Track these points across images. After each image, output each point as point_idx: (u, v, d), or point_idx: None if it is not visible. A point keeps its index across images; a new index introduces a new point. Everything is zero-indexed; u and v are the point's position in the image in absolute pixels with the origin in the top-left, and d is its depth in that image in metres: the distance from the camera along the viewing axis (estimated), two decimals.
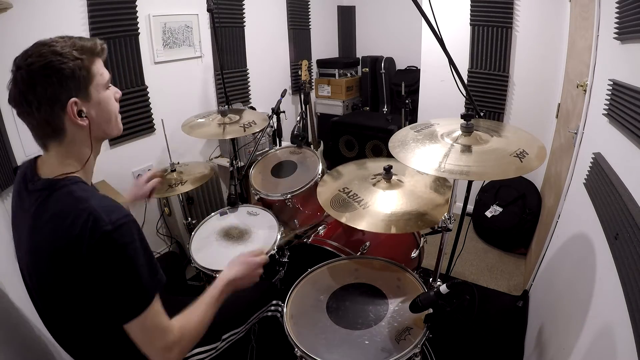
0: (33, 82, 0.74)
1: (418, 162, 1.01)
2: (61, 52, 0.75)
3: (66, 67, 0.75)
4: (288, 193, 1.76)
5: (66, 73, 0.75)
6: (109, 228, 0.71)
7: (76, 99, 0.78)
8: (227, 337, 1.14)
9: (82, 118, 0.79)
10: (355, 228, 1.24)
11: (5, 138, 1.56)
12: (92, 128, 0.82)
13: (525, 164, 0.96)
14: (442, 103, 2.75)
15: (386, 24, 3.88)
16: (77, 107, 0.78)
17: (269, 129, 2.33)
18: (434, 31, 1.11)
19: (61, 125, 0.78)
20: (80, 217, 0.72)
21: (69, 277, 0.74)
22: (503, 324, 1.91)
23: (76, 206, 0.74)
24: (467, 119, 1.07)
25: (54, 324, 0.88)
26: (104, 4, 1.90)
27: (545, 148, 1.03)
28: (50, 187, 0.78)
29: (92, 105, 0.82)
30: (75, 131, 0.80)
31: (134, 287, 0.75)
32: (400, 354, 0.97)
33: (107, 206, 0.75)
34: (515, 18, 2.36)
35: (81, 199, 0.75)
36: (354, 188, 1.39)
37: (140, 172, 2.22)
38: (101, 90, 0.84)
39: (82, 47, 0.79)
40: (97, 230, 0.71)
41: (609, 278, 0.90)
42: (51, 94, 0.75)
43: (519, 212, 2.40)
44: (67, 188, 0.77)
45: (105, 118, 0.86)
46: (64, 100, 0.76)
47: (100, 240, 0.71)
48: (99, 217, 0.72)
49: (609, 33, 1.17)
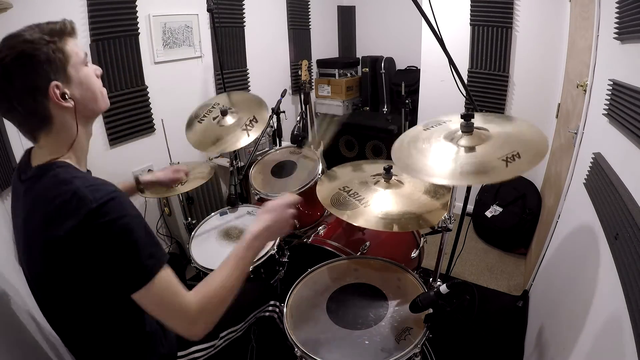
0: (9, 76, 0.72)
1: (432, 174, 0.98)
2: (32, 40, 0.73)
3: (40, 52, 0.73)
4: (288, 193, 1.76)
5: (41, 58, 0.74)
6: (94, 205, 0.70)
7: (57, 82, 0.76)
8: (225, 335, 1.13)
9: (66, 100, 0.78)
10: (355, 228, 1.24)
11: (5, 138, 1.56)
12: (78, 108, 0.80)
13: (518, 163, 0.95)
14: (442, 103, 2.75)
15: (386, 24, 3.88)
16: (59, 90, 0.76)
17: (269, 129, 2.33)
18: (434, 31, 1.11)
19: (47, 113, 0.77)
20: (64, 198, 0.71)
21: (64, 261, 0.73)
22: (503, 324, 1.91)
23: (61, 188, 0.73)
24: (467, 119, 1.07)
25: (54, 318, 0.88)
26: (104, 4, 1.90)
27: (547, 139, 0.99)
28: (38, 174, 0.77)
29: (74, 86, 0.80)
30: (62, 116, 0.79)
31: (133, 258, 0.73)
32: (400, 354, 0.97)
33: (91, 185, 0.73)
34: (515, 18, 2.36)
35: (65, 181, 0.74)
36: (354, 187, 1.39)
37: (140, 173, 2.22)
38: (80, 69, 0.81)
39: (52, 30, 0.78)
40: (82, 209, 0.69)
41: (609, 278, 0.90)
42: (30, 84, 0.73)
43: (519, 212, 2.40)
44: (53, 172, 0.76)
45: (90, 96, 0.84)
46: (44, 87, 0.75)
47: (87, 219, 0.69)
48: (83, 195, 0.71)
49: (609, 33, 1.17)
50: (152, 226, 2.37)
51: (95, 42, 1.90)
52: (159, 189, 1.75)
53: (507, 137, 1.01)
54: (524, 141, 0.98)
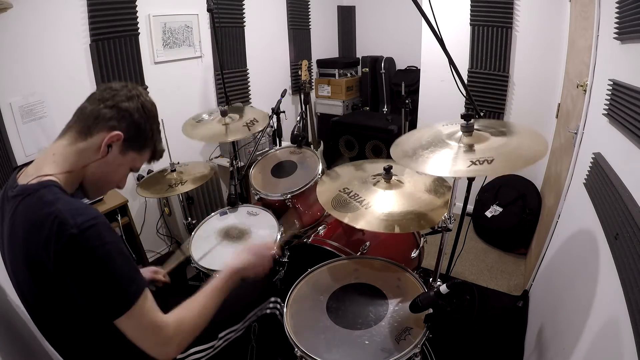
0: (131, 103, 0.87)
1: (433, 168, 1.01)
2: (156, 122, 0.95)
3: (148, 126, 0.91)
4: (288, 193, 1.76)
5: (143, 126, 0.90)
6: (74, 231, 0.69)
7: (122, 137, 0.86)
8: (225, 335, 1.13)
9: (106, 149, 0.85)
10: (355, 228, 1.24)
11: (5, 138, 1.56)
12: (97, 163, 0.86)
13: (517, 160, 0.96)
14: (442, 103, 2.75)
15: (386, 24, 3.88)
16: (116, 141, 0.85)
17: (269, 129, 2.33)
18: (434, 31, 1.11)
19: (94, 132, 0.84)
20: (47, 221, 0.71)
21: (46, 282, 0.73)
22: (503, 324, 1.91)
23: (43, 210, 0.73)
24: (467, 119, 1.07)
25: (45, 329, 0.88)
26: (104, 4, 1.90)
27: (546, 140, 1.01)
28: (23, 193, 0.77)
29: (117, 157, 0.88)
30: (91, 147, 0.85)
31: (111, 289, 0.73)
32: (400, 354, 0.97)
33: (73, 208, 0.73)
34: (515, 18, 2.36)
35: (48, 203, 0.74)
36: (355, 188, 1.38)
37: (140, 172, 2.22)
38: (129, 164, 0.92)
39: (158, 139, 0.97)
40: (63, 234, 0.69)
41: (609, 278, 0.90)
42: (125, 115, 0.86)
43: (519, 212, 2.40)
44: (38, 193, 0.76)
45: (107, 175, 0.90)
46: (119, 128, 0.85)
47: (67, 244, 0.69)
48: (64, 220, 0.70)
49: (609, 33, 1.17)
50: (152, 226, 2.37)
51: (95, 42, 1.90)
52: (158, 190, 1.75)
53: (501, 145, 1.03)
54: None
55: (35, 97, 1.70)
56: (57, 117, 1.77)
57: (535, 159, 0.94)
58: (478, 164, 0.95)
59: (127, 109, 0.86)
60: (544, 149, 0.97)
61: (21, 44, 1.64)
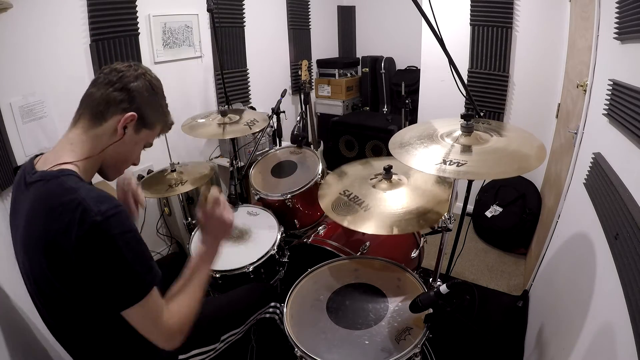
0: (140, 83, 0.87)
1: (419, 163, 1.01)
2: (164, 97, 0.96)
3: (158, 103, 0.93)
4: (288, 193, 1.76)
5: (154, 103, 0.91)
6: (99, 219, 0.70)
7: (136, 116, 0.86)
8: (226, 337, 1.14)
9: (122, 131, 0.86)
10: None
11: (6, 138, 1.56)
12: (114, 145, 0.87)
13: (522, 164, 0.96)
14: (442, 103, 2.75)
15: (386, 24, 3.88)
16: (130, 122, 0.86)
17: (269, 129, 2.33)
18: (434, 31, 1.11)
19: (108, 117, 0.85)
20: (69, 207, 0.72)
21: (62, 269, 0.73)
22: (503, 324, 1.91)
23: (65, 197, 0.73)
24: (467, 119, 1.07)
25: (53, 322, 0.87)
26: (104, 4, 1.90)
27: (544, 147, 1.03)
28: (43, 179, 0.78)
29: (132, 137, 0.90)
30: (107, 131, 0.86)
31: (129, 276, 0.74)
32: (400, 354, 0.97)
33: (96, 196, 0.74)
34: (515, 18, 2.36)
35: (70, 190, 0.74)
36: (355, 190, 1.38)
37: (140, 172, 2.22)
38: (143, 141, 0.94)
39: (168, 112, 0.99)
40: (86, 220, 0.70)
41: (609, 278, 0.90)
42: (136, 96, 0.86)
43: (519, 212, 2.40)
44: (59, 179, 0.77)
45: (125, 155, 0.92)
46: (132, 109, 0.86)
47: (90, 231, 0.70)
48: (88, 207, 0.71)
49: (609, 33, 1.17)
50: (152, 226, 2.38)
51: (95, 42, 1.90)
52: (158, 190, 1.75)
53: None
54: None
55: (35, 97, 1.69)
56: (57, 117, 1.77)
57: (522, 170, 0.95)
58: (451, 165, 0.97)
59: (137, 88, 0.86)
60: (537, 163, 0.97)
61: (21, 44, 1.63)
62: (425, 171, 0.99)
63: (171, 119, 1.00)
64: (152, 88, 0.90)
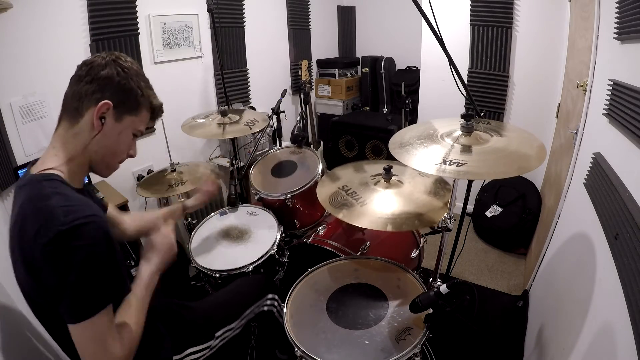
0: (109, 69, 0.83)
1: (419, 163, 1.01)
2: (142, 78, 0.90)
3: (134, 84, 0.86)
4: (288, 193, 1.76)
5: (128, 86, 0.85)
6: (62, 228, 0.69)
7: (111, 104, 0.83)
8: (221, 334, 1.12)
9: (99, 122, 0.83)
10: (356, 228, 1.24)
11: (6, 138, 1.56)
12: (96, 139, 0.84)
13: (522, 164, 0.97)
14: (442, 103, 2.75)
15: (386, 24, 3.88)
16: (105, 109, 0.83)
17: (269, 129, 2.33)
18: (434, 31, 1.11)
19: (83, 111, 0.83)
20: (40, 214, 0.72)
21: (35, 273, 0.73)
22: (503, 324, 1.91)
23: (40, 202, 0.73)
24: (467, 119, 1.07)
25: (48, 323, 0.87)
26: (104, 4, 1.90)
27: (544, 147, 1.03)
28: (28, 183, 0.78)
29: (114, 126, 0.86)
30: (86, 127, 0.83)
31: (78, 292, 0.71)
32: (400, 354, 0.97)
33: (67, 205, 0.73)
34: (515, 18, 2.36)
35: (45, 196, 0.74)
36: (354, 186, 1.39)
37: (140, 172, 2.22)
38: (129, 129, 0.89)
39: (151, 94, 0.93)
40: (51, 228, 0.69)
41: (609, 278, 0.90)
42: (106, 83, 0.83)
43: (519, 212, 2.40)
44: (40, 184, 0.77)
45: (111, 147, 0.88)
46: (105, 98, 0.82)
47: (54, 239, 0.69)
48: (55, 215, 0.70)
49: (609, 33, 1.17)
50: None
51: (95, 42, 1.90)
52: (158, 190, 1.76)
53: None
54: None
55: (35, 97, 1.69)
56: (57, 117, 1.77)
57: (522, 170, 0.95)
58: (451, 165, 0.96)
59: (107, 75, 0.83)
60: (537, 163, 0.97)
61: (21, 44, 1.63)
62: (425, 171, 0.99)
63: (158, 100, 0.95)
64: (124, 71, 0.85)
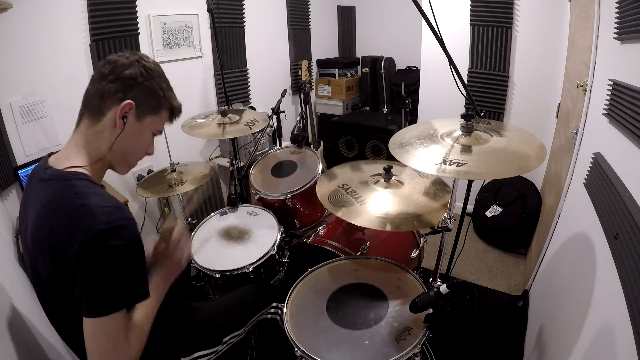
0: (132, 69, 0.84)
1: (419, 163, 1.01)
2: (164, 80, 0.94)
3: (156, 86, 0.88)
4: (288, 193, 1.76)
5: (151, 87, 0.87)
6: (103, 227, 0.71)
7: (134, 104, 0.84)
8: (228, 339, 1.14)
9: (121, 121, 0.84)
10: (356, 228, 1.24)
11: (6, 139, 1.56)
12: (119, 138, 0.85)
13: (522, 164, 0.97)
14: (442, 103, 2.75)
15: (386, 24, 3.88)
16: (128, 109, 0.84)
17: (269, 129, 2.33)
18: (434, 31, 1.11)
19: (106, 110, 0.83)
20: (79, 212, 0.73)
21: (64, 269, 0.73)
22: (503, 324, 1.91)
23: (76, 201, 0.74)
24: (467, 119, 1.07)
25: (59, 321, 0.88)
26: (104, 4, 1.90)
27: (545, 147, 1.03)
28: (56, 178, 0.79)
29: (135, 126, 0.87)
30: (108, 125, 0.84)
31: (105, 289, 0.73)
32: (400, 354, 0.97)
33: (106, 205, 0.75)
34: (515, 18, 2.36)
35: (81, 195, 0.75)
36: (354, 185, 1.40)
37: (140, 172, 2.22)
38: (150, 129, 0.91)
39: (172, 95, 0.95)
40: (91, 228, 0.70)
41: (609, 278, 0.90)
42: (130, 83, 0.83)
43: (519, 212, 2.40)
44: (71, 182, 0.78)
45: (132, 146, 0.89)
46: (128, 97, 0.83)
47: (94, 238, 0.70)
48: (96, 214, 0.72)
49: (609, 33, 1.17)
50: (152, 226, 2.37)
51: (95, 42, 1.90)
52: (158, 190, 1.76)
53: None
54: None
55: (35, 97, 1.69)
56: (57, 117, 1.77)
57: (522, 170, 0.95)
58: (451, 165, 0.97)
59: (130, 76, 0.84)
60: (537, 163, 0.97)
61: (21, 44, 1.63)
62: (425, 171, 0.99)
63: (177, 102, 0.96)
64: (148, 72, 0.87)
